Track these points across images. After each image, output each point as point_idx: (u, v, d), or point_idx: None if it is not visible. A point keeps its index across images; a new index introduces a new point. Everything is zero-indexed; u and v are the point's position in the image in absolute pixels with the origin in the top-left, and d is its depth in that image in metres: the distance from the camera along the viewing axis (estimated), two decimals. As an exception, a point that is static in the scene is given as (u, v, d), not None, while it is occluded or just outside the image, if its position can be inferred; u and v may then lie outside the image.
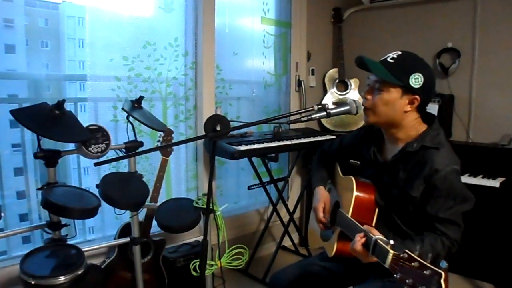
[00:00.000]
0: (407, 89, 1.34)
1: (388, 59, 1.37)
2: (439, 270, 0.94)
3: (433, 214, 1.31)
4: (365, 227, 1.27)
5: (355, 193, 1.43)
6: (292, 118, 1.48)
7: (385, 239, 1.14)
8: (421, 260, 0.98)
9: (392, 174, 1.42)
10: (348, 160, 1.76)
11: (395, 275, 1.02)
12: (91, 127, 1.87)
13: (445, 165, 1.30)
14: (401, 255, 1.03)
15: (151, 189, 2.09)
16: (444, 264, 0.95)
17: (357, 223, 1.33)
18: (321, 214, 1.58)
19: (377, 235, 1.19)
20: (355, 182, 1.45)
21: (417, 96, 1.34)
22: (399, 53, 1.38)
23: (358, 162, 1.65)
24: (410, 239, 1.32)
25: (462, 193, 1.32)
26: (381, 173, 1.46)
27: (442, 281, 0.93)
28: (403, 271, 1.01)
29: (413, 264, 0.99)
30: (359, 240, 1.23)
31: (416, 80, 1.33)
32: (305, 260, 1.76)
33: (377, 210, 1.43)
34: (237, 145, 2.35)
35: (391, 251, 1.07)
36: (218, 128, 1.47)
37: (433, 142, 1.35)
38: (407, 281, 0.99)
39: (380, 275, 1.40)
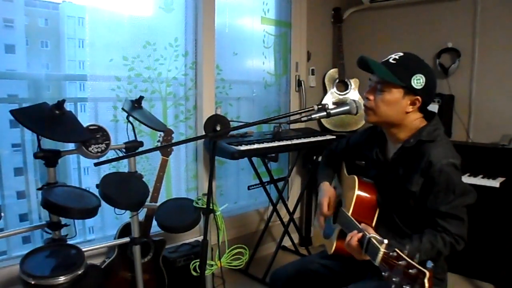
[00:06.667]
0: (409, 90, 1.34)
1: (390, 60, 1.37)
2: (423, 270, 0.95)
3: (434, 209, 1.31)
4: (362, 225, 1.29)
5: (356, 192, 1.43)
6: (292, 118, 1.49)
7: (379, 238, 1.15)
8: (408, 259, 0.99)
9: (393, 172, 1.43)
10: (354, 160, 1.77)
11: (383, 273, 1.04)
12: (91, 127, 1.87)
13: (440, 158, 1.30)
14: (390, 253, 1.04)
15: (151, 189, 2.09)
16: (430, 264, 0.96)
17: (355, 221, 1.34)
18: (325, 208, 1.58)
19: (372, 233, 1.21)
20: (357, 181, 1.46)
21: (418, 97, 1.35)
22: (401, 54, 1.38)
23: (364, 163, 1.66)
24: (408, 238, 1.32)
25: (461, 186, 1.31)
26: (384, 172, 1.47)
27: (426, 280, 0.94)
28: (391, 269, 1.02)
29: (400, 262, 1.00)
30: (354, 236, 1.25)
31: (418, 81, 1.33)
32: (304, 258, 1.78)
33: (378, 210, 1.43)
34: (237, 145, 2.35)
35: (382, 250, 1.08)
36: (218, 128, 1.47)
37: (429, 136, 1.36)
38: (393, 279, 1.00)
39: (377, 273, 1.40)
